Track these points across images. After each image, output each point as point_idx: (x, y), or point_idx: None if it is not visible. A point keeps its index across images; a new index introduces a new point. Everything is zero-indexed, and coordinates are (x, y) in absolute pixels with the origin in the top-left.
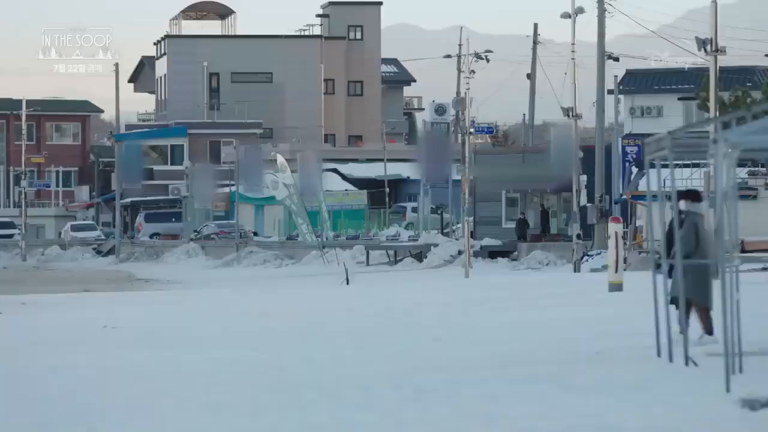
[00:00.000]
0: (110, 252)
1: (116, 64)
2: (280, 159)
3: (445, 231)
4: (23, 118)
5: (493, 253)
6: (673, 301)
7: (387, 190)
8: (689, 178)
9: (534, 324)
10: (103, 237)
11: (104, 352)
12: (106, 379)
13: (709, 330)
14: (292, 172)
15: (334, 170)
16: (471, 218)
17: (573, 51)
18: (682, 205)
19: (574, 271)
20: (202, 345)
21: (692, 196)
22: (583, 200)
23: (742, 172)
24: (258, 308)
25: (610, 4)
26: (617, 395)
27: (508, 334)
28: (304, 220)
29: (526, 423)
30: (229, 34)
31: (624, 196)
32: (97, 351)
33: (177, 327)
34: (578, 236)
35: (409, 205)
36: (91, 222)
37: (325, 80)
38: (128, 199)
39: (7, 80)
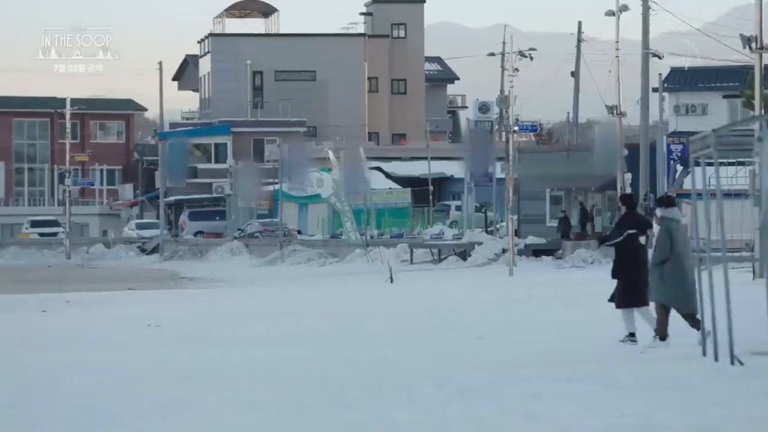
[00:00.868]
0: (154, 250)
1: (160, 63)
2: (332, 156)
3: (489, 229)
4: (67, 116)
5: (537, 252)
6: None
7: (431, 188)
8: (734, 177)
9: (578, 323)
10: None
11: (148, 351)
12: (150, 377)
13: (663, 335)
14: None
15: (378, 168)
16: (515, 216)
17: (617, 49)
18: (659, 211)
19: None
20: (245, 344)
21: (666, 201)
22: None
23: None
24: (301, 307)
25: (654, 2)
26: (661, 394)
27: (552, 333)
28: (349, 218)
29: (568, 422)
30: (273, 32)
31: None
32: (140, 349)
33: (220, 326)
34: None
35: (453, 203)
36: (156, 221)
37: (369, 78)
38: (172, 198)
39: (51, 78)
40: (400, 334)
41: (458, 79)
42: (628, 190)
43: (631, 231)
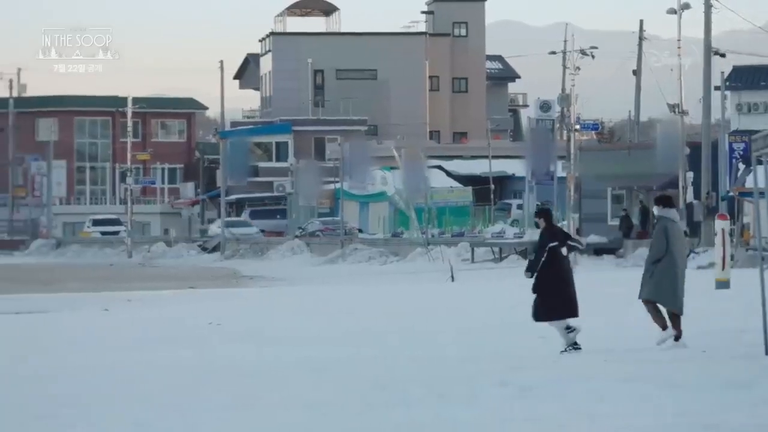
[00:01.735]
0: (215, 249)
1: (221, 62)
2: (397, 155)
3: None
4: (129, 115)
5: (598, 250)
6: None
7: (492, 187)
8: None
9: (639, 321)
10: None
11: (209, 349)
12: (212, 375)
13: (664, 326)
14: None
15: (439, 167)
16: (576, 215)
17: (679, 47)
18: (655, 210)
19: None
20: (306, 342)
21: (664, 201)
22: (690, 197)
23: None
24: (362, 306)
25: (717, 0)
26: (722, 394)
27: (613, 332)
28: (412, 216)
29: (629, 421)
30: (334, 31)
31: (731, 193)
32: (201, 347)
33: (281, 324)
34: (685, 233)
35: (514, 202)
36: (245, 219)
37: (430, 77)
38: (233, 196)
39: (113, 78)
40: (462, 333)
41: (519, 77)
42: (690, 189)
43: (552, 244)
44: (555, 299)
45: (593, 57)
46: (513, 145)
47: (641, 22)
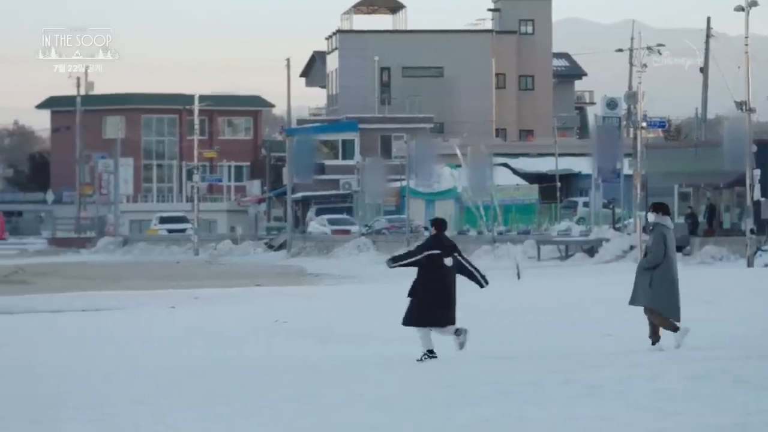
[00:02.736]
0: (281, 247)
1: (288, 60)
2: (460, 153)
3: (616, 226)
4: (196, 113)
5: None
6: None
7: (558, 184)
8: None
9: (706, 319)
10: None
11: (276, 346)
12: (277, 371)
13: (674, 329)
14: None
15: (505, 165)
16: (643, 213)
17: (746, 44)
18: (651, 217)
19: (748, 266)
20: (372, 340)
21: (661, 208)
22: (757, 195)
23: None
24: None
25: None
26: None
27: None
28: (479, 214)
29: (697, 419)
30: (400, 28)
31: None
32: (268, 344)
33: (347, 322)
34: (752, 231)
35: (581, 199)
36: (343, 216)
37: (496, 74)
38: (299, 194)
39: (176, 75)
40: (527, 331)
41: (586, 74)
42: (758, 187)
43: (433, 252)
44: (424, 306)
45: (660, 54)
46: (579, 142)
47: (708, 19)
